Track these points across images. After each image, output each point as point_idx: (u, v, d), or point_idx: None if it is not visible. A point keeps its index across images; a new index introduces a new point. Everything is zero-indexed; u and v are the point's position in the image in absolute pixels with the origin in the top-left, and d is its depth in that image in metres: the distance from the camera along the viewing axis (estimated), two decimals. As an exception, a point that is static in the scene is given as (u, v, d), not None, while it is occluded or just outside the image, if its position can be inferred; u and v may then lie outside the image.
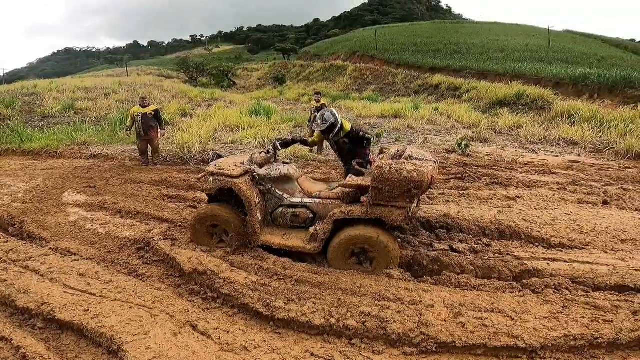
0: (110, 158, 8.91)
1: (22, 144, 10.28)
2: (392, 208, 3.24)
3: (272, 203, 3.85)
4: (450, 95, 20.22)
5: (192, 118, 14.48)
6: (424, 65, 25.85)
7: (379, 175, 3.13)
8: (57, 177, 7.10)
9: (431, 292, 3.06)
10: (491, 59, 25.69)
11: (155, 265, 3.62)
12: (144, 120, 7.73)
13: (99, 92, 20.19)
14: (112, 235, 4.34)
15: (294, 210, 3.76)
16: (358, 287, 3.13)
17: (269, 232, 3.78)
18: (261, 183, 3.82)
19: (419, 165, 3.19)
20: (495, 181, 5.92)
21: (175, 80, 30.78)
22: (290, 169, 3.85)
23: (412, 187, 3.11)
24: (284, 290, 3.08)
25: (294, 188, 3.82)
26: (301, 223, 3.76)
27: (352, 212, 3.37)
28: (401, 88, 24.27)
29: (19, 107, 15.88)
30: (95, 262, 3.71)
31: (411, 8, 78.73)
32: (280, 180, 3.82)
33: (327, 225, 3.44)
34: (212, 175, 3.78)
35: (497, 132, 11.54)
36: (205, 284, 3.24)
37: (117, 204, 5.30)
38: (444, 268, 3.43)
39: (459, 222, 4.21)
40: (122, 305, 2.93)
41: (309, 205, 3.74)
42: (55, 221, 4.84)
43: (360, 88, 26.34)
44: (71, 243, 4.17)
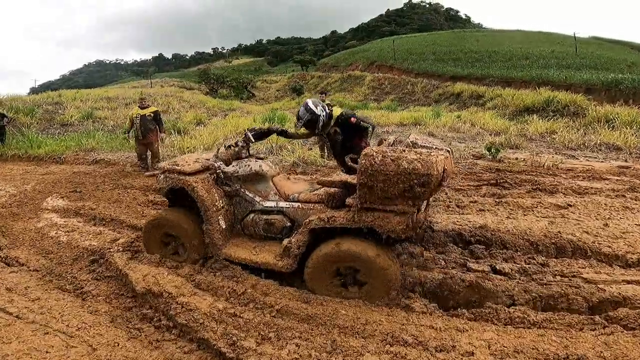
0: (111, 164, 8.36)
1: (30, 149, 9.95)
2: (388, 213, 2.35)
3: (242, 208, 3.02)
4: (473, 103, 19.13)
5: (206, 127, 14.02)
6: (444, 74, 24.88)
7: (368, 167, 2.24)
8: (49, 182, 6.55)
9: (469, 333, 2.13)
10: (515, 67, 24.46)
11: (107, 282, 2.84)
12: (143, 122, 7.07)
13: (120, 102, 20.21)
14: (72, 244, 3.62)
15: (268, 217, 2.92)
16: (362, 324, 2.23)
17: (237, 243, 2.95)
18: (227, 183, 3.02)
19: (424, 154, 2.27)
20: (537, 187, 4.89)
21: (196, 92, 30.89)
22: (263, 165, 3.03)
23: (415, 183, 2.20)
24: (258, 324, 2.22)
25: (268, 189, 2.99)
26: (276, 233, 2.90)
27: (333, 219, 2.49)
28: (421, 97, 23.28)
29: (39, 116, 15.89)
30: (38, 275, 2.99)
31: (429, 18, 77.54)
32: (250, 180, 3.00)
33: (302, 237, 2.58)
34: (164, 173, 2.99)
35: (527, 139, 10.41)
36: (160, 308, 2.43)
37: (95, 210, 4.61)
38: (486, 297, 2.47)
39: (500, 235, 3.22)
40: (36, 330, 2.18)
41: (285, 210, 2.89)
42: (22, 227, 4.18)
43: (379, 98, 25.48)
44: (24, 252, 3.48)
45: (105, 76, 69.90)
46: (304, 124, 3.29)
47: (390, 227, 2.32)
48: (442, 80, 24.01)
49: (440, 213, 3.96)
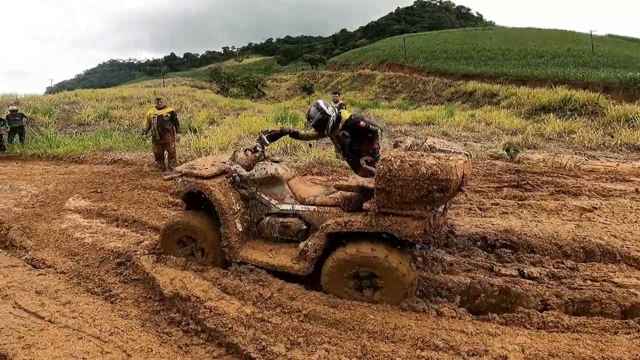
0: (129, 163, 8.46)
1: (49, 149, 10.13)
2: (405, 218, 2.34)
3: (258, 211, 3.05)
4: (487, 102, 18.85)
5: (219, 126, 14.10)
6: (456, 72, 24.60)
7: (386, 173, 2.23)
8: (70, 182, 6.65)
9: (501, 337, 2.11)
10: (529, 65, 24.04)
11: (134, 285, 2.87)
12: (160, 122, 7.15)
13: (135, 101, 20.47)
14: (97, 246, 3.66)
15: (284, 220, 2.93)
16: (392, 329, 2.21)
17: (253, 245, 2.97)
18: (243, 186, 3.04)
19: (443, 158, 2.24)
20: (560, 189, 4.78)
21: (208, 91, 31.11)
22: (278, 169, 3.05)
23: (434, 188, 2.19)
24: (287, 329, 2.21)
25: (284, 192, 3.00)
26: (292, 236, 2.91)
27: (350, 223, 2.49)
28: (432, 96, 23.05)
29: (57, 115, 16.16)
30: (66, 278, 3.02)
31: (440, 16, 76.37)
32: (266, 183, 3.02)
33: (319, 241, 2.59)
34: (181, 176, 3.03)
35: (545, 138, 10.22)
36: (188, 312, 2.44)
37: (117, 211, 4.66)
38: (517, 301, 2.43)
39: (527, 239, 3.16)
40: (70, 335, 2.18)
41: (301, 213, 2.90)
42: (46, 228, 4.25)
43: (390, 96, 25.31)
44: (50, 254, 3.53)
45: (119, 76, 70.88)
46: (314, 124, 3.32)
47: (408, 232, 2.32)
48: (454, 79, 23.74)
49: (461, 216, 3.90)
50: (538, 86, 18.70)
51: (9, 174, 7.76)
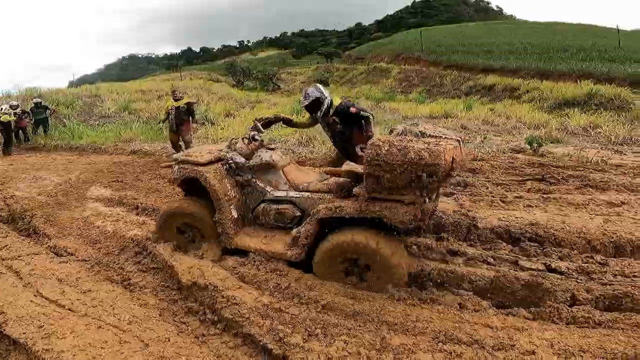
0: (149, 154, 8.58)
1: (72, 140, 10.37)
2: (395, 203, 2.33)
3: (254, 198, 3.06)
4: (507, 96, 18.32)
5: (235, 118, 14.17)
6: (475, 66, 23.91)
7: (374, 157, 2.22)
8: (92, 171, 6.79)
9: (529, 332, 2.04)
10: (552, 59, 23.15)
11: (153, 274, 2.88)
12: (177, 114, 7.27)
13: (153, 95, 20.75)
14: (118, 234, 3.71)
15: (278, 207, 2.95)
16: (412, 322, 2.15)
17: (248, 232, 3.01)
18: (239, 173, 3.06)
19: (432, 143, 2.22)
20: (587, 184, 4.58)
21: (224, 84, 31.24)
22: (273, 156, 3.07)
23: (422, 173, 2.18)
24: (304, 319, 2.18)
25: (279, 179, 3.01)
26: (287, 222, 2.93)
27: (341, 208, 2.49)
28: (450, 89, 22.54)
29: (79, 108, 16.55)
30: (87, 266, 3.05)
31: (457, 10, 74.17)
32: (261, 170, 3.04)
33: (310, 227, 2.62)
34: (178, 164, 3.09)
35: (569, 133, 9.85)
36: (205, 302, 2.43)
37: (137, 200, 4.72)
38: (544, 296, 2.34)
39: (554, 232, 3.04)
40: (89, 323, 2.20)
41: (295, 200, 2.92)
42: (68, 216, 4.33)
43: (406, 90, 24.86)
44: (72, 241, 3.60)
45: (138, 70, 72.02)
46: (310, 104, 3.39)
47: (398, 217, 2.31)
48: (473, 73, 23.12)
49: (483, 209, 3.78)
50: (562, 80, 18.06)
51: (33, 165, 7.97)
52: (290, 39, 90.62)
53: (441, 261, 2.77)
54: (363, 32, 77.44)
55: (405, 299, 2.32)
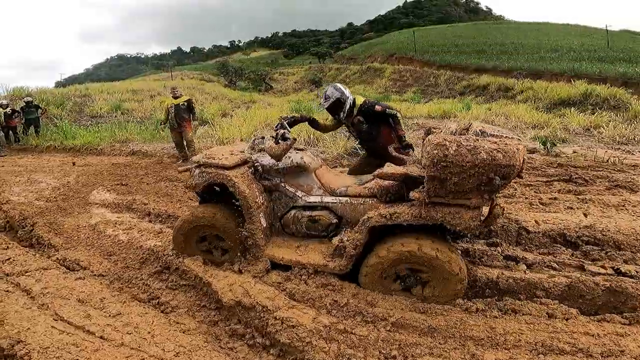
0: (148, 155, 8.17)
1: (66, 140, 9.85)
2: (459, 208, 2.11)
3: (282, 204, 2.77)
4: (502, 95, 18.40)
5: (232, 118, 13.80)
6: (468, 66, 24.02)
7: (441, 159, 1.98)
8: (91, 174, 6.37)
9: (633, 337, 1.87)
10: (544, 59, 23.43)
11: (184, 291, 2.55)
12: (177, 111, 6.95)
13: (145, 94, 20.24)
14: (134, 244, 3.36)
15: (312, 214, 2.66)
16: (501, 335, 1.92)
17: (278, 242, 2.71)
18: (266, 177, 2.76)
19: (503, 142, 1.99)
20: (616, 184, 4.43)
21: (216, 84, 30.71)
22: (305, 157, 2.75)
23: (495, 175, 1.96)
24: (376, 340, 1.92)
25: (311, 183, 2.72)
26: (321, 231, 2.66)
27: (397, 215, 2.24)
28: (444, 89, 22.54)
29: (70, 107, 15.95)
30: (106, 282, 2.71)
31: (448, 10, 74.83)
32: (291, 173, 2.73)
33: (359, 236, 2.33)
34: (199, 167, 2.74)
35: (571, 132, 9.82)
36: (252, 323, 2.13)
37: (147, 205, 4.36)
38: (627, 300, 2.15)
39: (612, 235, 2.84)
40: (130, 356, 1.86)
41: (332, 206, 2.65)
42: (74, 224, 3.95)
43: (400, 90, 24.80)
44: (83, 253, 3.23)
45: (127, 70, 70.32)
46: (331, 105, 3.18)
47: (463, 223, 2.09)
48: (467, 73, 23.19)
49: (523, 211, 3.57)
50: (554, 80, 18.22)
51: (26, 166, 7.49)
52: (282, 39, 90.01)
53: (503, 268, 2.54)
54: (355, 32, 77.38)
55: (484, 311, 2.08)
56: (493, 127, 2.49)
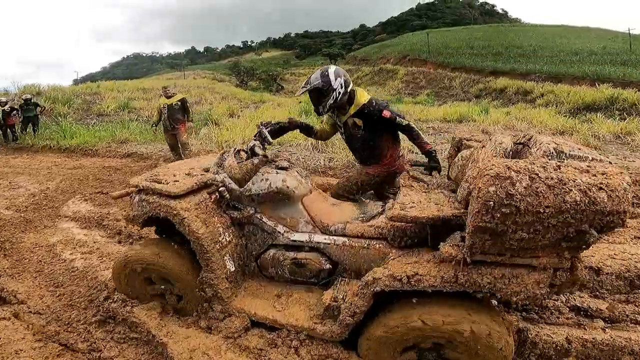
0: (144, 157, 7.59)
1: (63, 140, 9.36)
2: (518, 269, 1.42)
3: (258, 240, 2.08)
4: (520, 99, 17.44)
5: (239, 118, 13.21)
6: (483, 69, 23.05)
7: (502, 200, 1.24)
8: (76, 178, 5.81)
9: None
10: (564, 62, 22.29)
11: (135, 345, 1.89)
12: (170, 112, 6.30)
13: (155, 93, 19.84)
14: (88, 273, 2.72)
15: (297, 256, 1.98)
16: None
17: (253, 290, 2.03)
18: (235, 205, 2.07)
19: (600, 172, 1.24)
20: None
21: (227, 84, 30.31)
22: (288, 180, 2.04)
23: (590, 226, 1.23)
24: None
25: (297, 215, 2.03)
26: (310, 277, 1.99)
27: (418, 278, 1.54)
28: (459, 92, 21.60)
29: (77, 105, 15.60)
30: (40, 324, 2.10)
31: (462, 12, 72.97)
32: (270, 201, 2.04)
33: (360, 301, 1.65)
34: (139, 193, 2.02)
35: (602, 140, 8.89)
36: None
37: (120, 222, 3.71)
38: None
39: None
40: None
41: (324, 247, 1.95)
42: (33, 242, 3.34)
43: (414, 92, 23.92)
44: (27, 283, 2.63)
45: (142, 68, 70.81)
46: (310, 91, 2.34)
47: (522, 292, 1.42)
48: (482, 75, 22.21)
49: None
50: (575, 84, 17.19)
51: (15, 167, 6.99)
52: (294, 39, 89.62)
53: (573, 325, 1.82)
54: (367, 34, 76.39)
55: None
56: (570, 144, 1.72)
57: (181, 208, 1.85)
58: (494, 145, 1.91)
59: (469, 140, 2.46)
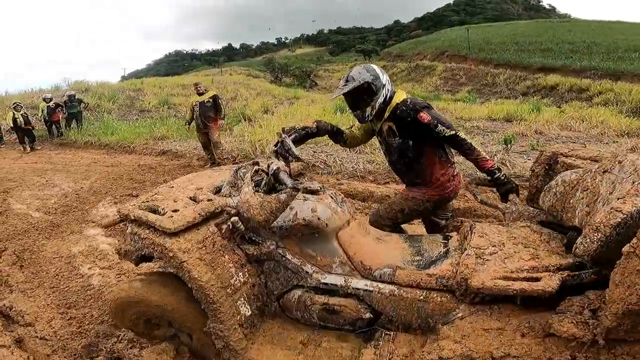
0: (178, 155, 7.41)
1: (104, 136, 9.45)
2: None
3: (280, 279, 1.62)
4: (574, 97, 15.88)
5: (274, 115, 12.93)
6: (531, 65, 21.34)
7: None
8: (110, 177, 5.66)
9: None
10: (622, 59, 20.14)
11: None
12: (202, 110, 5.99)
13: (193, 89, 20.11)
14: (104, 294, 2.38)
15: (329, 301, 1.53)
16: None
17: (273, 334, 1.59)
18: (253, 238, 1.61)
19: None
20: None
21: (262, 80, 30.32)
22: (319, 209, 1.54)
23: None
24: None
25: (330, 254, 1.57)
26: (343, 324, 1.55)
27: None
28: (504, 89, 20.13)
29: (121, 102, 16.02)
30: (44, 353, 1.82)
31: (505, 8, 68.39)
32: (296, 234, 1.56)
33: None
34: (132, 224, 1.56)
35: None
36: None
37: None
38: None
39: None
40: None
41: (366, 295, 1.50)
42: (53, 251, 3.09)
43: (453, 89, 22.60)
44: (37, 301, 2.38)
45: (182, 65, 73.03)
46: (354, 92, 1.78)
47: None
48: (530, 72, 20.58)
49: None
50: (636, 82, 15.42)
51: (56, 163, 7.03)
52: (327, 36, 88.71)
53: None
54: (402, 30, 74.03)
55: None
56: None
57: (178, 249, 1.40)
58: (631, 171, 1.30)
59: (568, 157, 1.84)
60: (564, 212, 1.47)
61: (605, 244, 1.09)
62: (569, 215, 1.42)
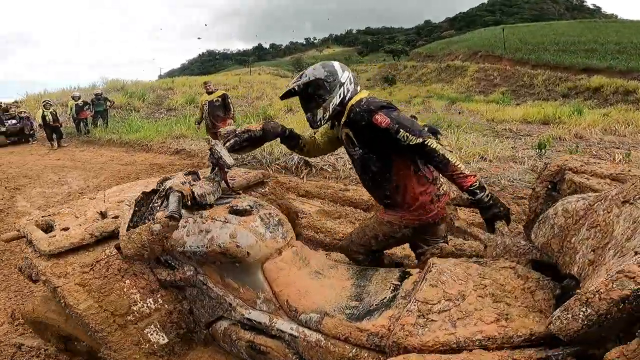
0: (191, 155, 7.27)
1: (125, 135, 9.53)
2: None
3: (205, 306, 1.37)
4: (620, 100, 14.53)
5: (295, 114, 12.69)
6: (572, 66, 19.83)
7: None
8: (119, 176, 5.57)
9: None
10: (675, 60, 18.27)
11: None
12: (211, 109, 5.83)
13: (220, 88, 20.25)
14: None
15: (255, 340, 1.24)
16: None
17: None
18: (168, 261, 1.39)
19: None
20: None
21: (289, 80, 30.36)
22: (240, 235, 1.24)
23: None
24: None
25: (254, 287, 1.26)
26: None
27: None
28: (542, 91, 18.78)
29: (150, 100, 16.35)
30: None
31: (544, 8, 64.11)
32: (213, 260, 1.28)
33: None
34: (27, 243, 1.43)
35: None
36: None
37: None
38: None
39: None
40: None
41: (291, 340, 1.17)
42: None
43: (486, 90, 21.40)
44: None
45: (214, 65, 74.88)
46: (303, 88, 1.45)
47: None
48: (571, 73, 19.11)
49: None
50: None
51: (77, 161, 7.08)
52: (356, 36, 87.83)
53: None
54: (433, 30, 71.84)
55: None
56: None
57: (52, 273, 1.24)
58: None
59: (579, 173, 1.26)
60: (560, 254, 1.00)
61: (596, 324, 0.66)
62: (567, 260, 0.96)
